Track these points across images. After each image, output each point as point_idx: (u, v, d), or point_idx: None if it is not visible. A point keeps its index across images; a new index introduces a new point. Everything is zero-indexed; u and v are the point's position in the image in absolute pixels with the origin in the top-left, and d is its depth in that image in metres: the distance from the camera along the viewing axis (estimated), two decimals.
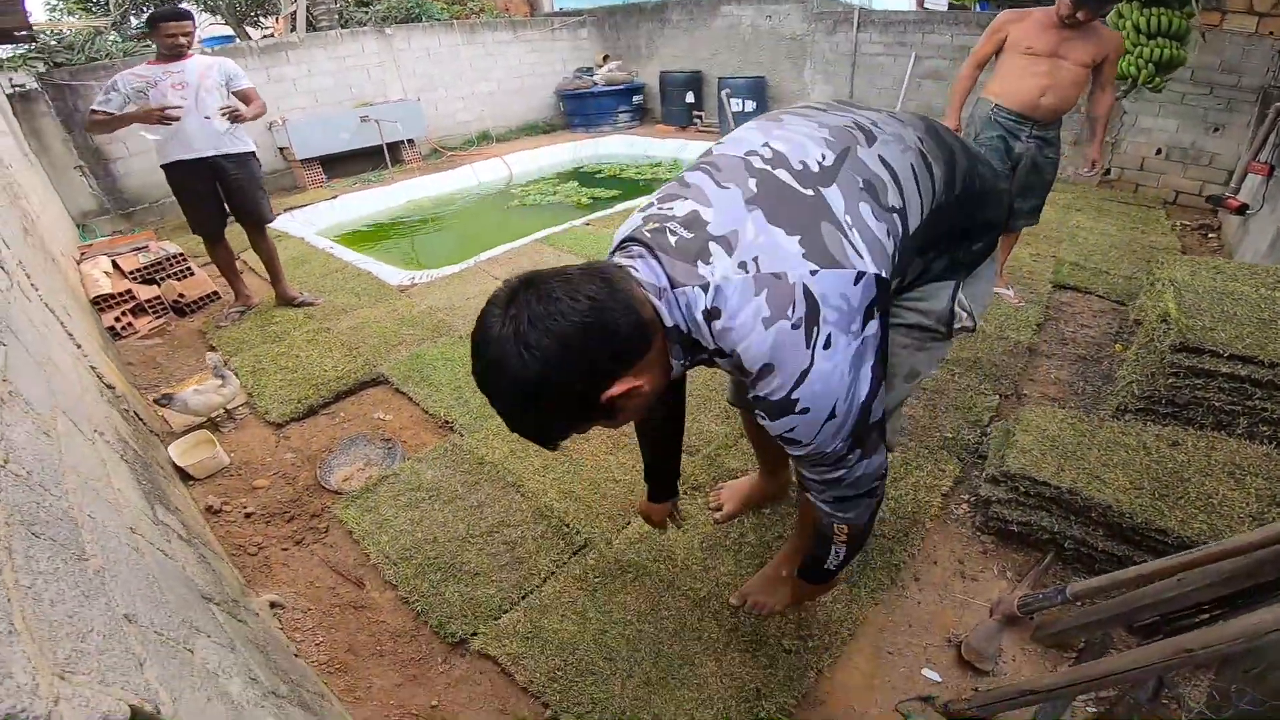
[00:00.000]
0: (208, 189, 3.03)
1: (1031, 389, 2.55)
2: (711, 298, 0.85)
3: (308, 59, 6.24)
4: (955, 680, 1.51)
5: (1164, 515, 1.59)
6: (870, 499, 1.04)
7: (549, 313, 0.78)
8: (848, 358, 0.85)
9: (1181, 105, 5.00)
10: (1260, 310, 2.11)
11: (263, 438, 2.44)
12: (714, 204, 0.89)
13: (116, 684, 0.65)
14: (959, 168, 1.04)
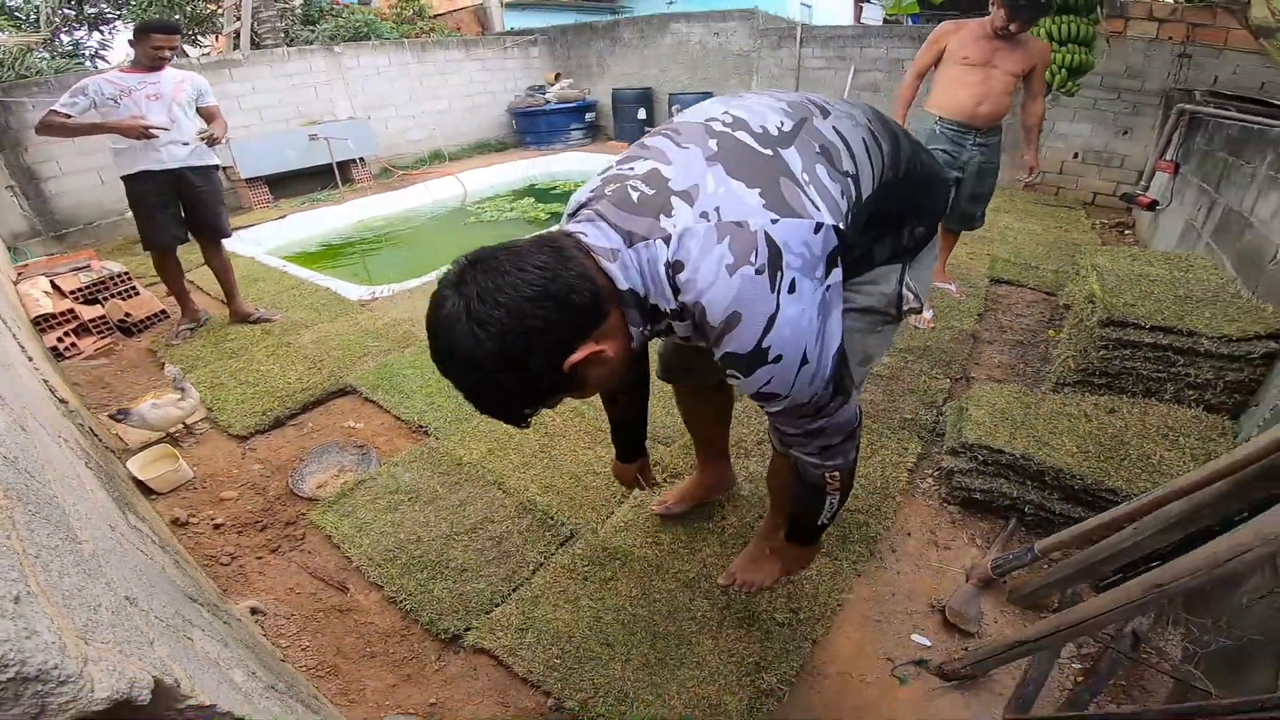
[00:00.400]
0: (170, 201, 2.97)
1: (978, 371, 2.74)
2: (674, 250, 0.84)
3: (252, 76, 6.12)
4: (943, 643, 1.59)
5: (1110, 475, 1.73)
6: (853, 440, 1.05)
7: (498, 286, 0.77)
8: (814, 303, 0.86)
9: (1094, 110, 5.38)
10: (1174, 289, 2.32)
11: (227, 451, 2.38)
12: (674, 162, 0.90)
13: (134, 656, 0.66)
14: (903, 151, 1.09)
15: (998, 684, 1.48)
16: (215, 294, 3.62)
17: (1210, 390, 2.06)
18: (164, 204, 2.95)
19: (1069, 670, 1.52)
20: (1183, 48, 4.86)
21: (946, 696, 1.46)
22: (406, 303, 3.58)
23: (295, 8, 8.64)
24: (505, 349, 0.77)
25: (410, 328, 3.22)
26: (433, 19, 9.78)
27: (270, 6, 7.29)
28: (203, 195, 3.03)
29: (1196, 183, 3.55)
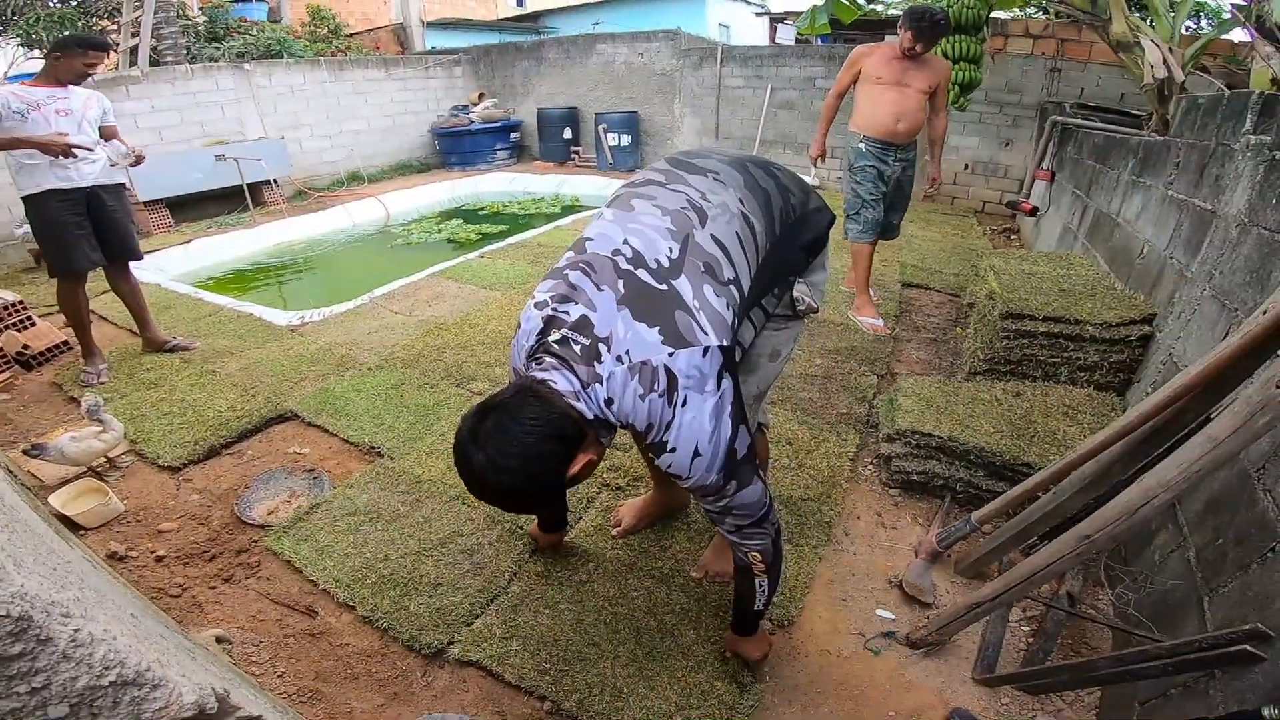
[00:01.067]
0: (79, 221, 2.76)
1: (900, 367, 3.00)
2: (606, 389, 1.08)
3: (151, 94, 5.78)
4: (906, 615, 1.73)
5: (1025, 451, 1.94)
6: (765, 525, 1.25)
7: (510, 439, 1.03)
8: (705, 410, 1.07)
9: (980, 124, 5.86)
10: (1059, 284, 2.61)
11: (159, 483, 2.24)
12: (598, 308, 1.11)
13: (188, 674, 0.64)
14: (775, 209, 1.30)
15: (961, 649, 1.62)
16: (123, 323, 3.38)
17: (1098, 371, 2.33)
18: (78, 225, 2.75)
19: (1020, 633, 1.68)
20: (1054, 62, 5.38)
21: (919, 664, 1.59)
22: (341, 326, 3.46)
23: (199, 24, 8.21)
24: (527, 482, 1.05)
25: (348, 351, 3.14)
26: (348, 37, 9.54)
27: (172, 23, 6.89)
28: (116, 215, 2.87)
29: (1070, 189, 3.91)
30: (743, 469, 1.14)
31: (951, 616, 1.55)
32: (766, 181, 1.33)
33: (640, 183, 1.32)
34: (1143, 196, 2.60)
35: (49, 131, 2.58)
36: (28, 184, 2.67)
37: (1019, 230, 5.35)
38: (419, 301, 3.75)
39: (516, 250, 4.77)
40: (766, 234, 1.26)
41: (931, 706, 1.49)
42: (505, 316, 3.45)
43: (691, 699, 1.47)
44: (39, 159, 2.59)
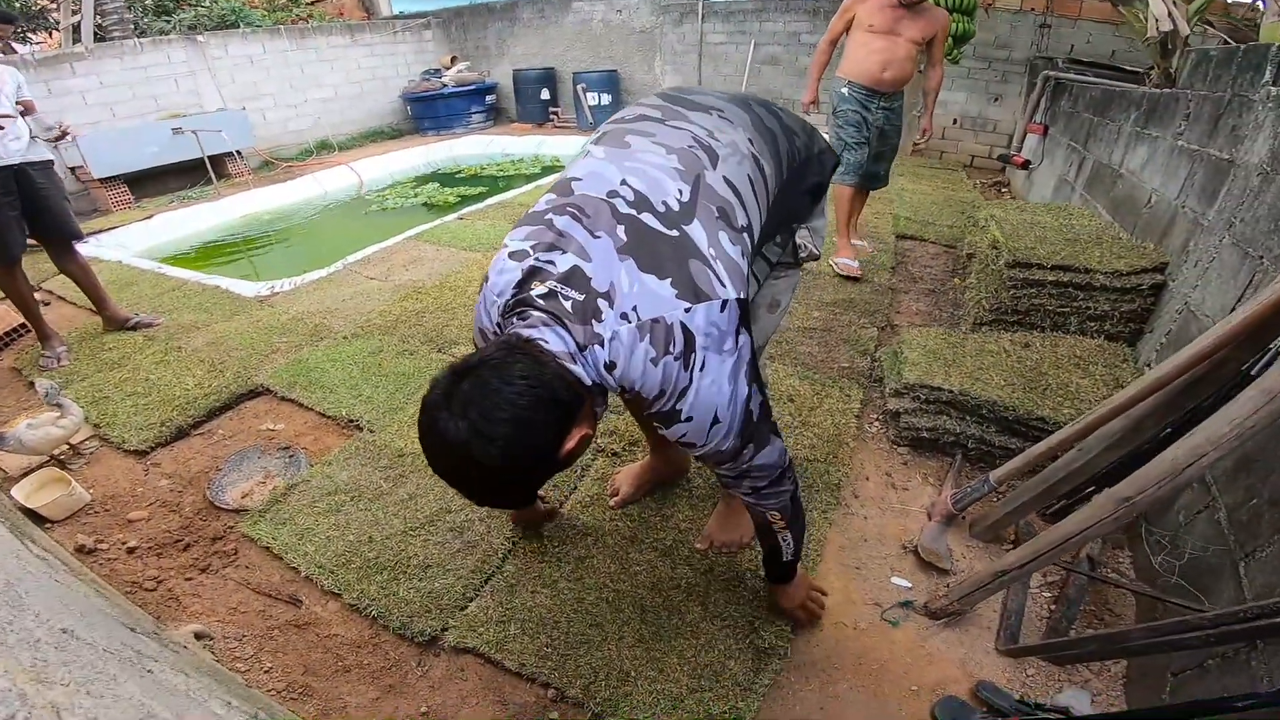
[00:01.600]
0: (8, 202, 2.56)
1: (900, 319, 2.90)
2: (608, 352, 0.93)
3: (97, 70, 5.50)
4: (922, 583, 1.64)
5: (1038, 405, 1.86)
6: (782, 485, 1.16)
7: (497, 403, 0.83)
8: (724, 372, 0.95)
9: (969, 79, 5.81)
10: (1063, 234, 2.53)
11: (126, 468, 2.09)
12: (593, 258, 0.95)
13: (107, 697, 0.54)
14: (783, 152, 1.18)
15: (982, 618, 1.55)
16: (83, 303, 3.19)
17: (1109, 320, 2.26)
18: (8, 205, 2.55)
19: (1041, 600, 1.60)
20: (1043, 18, 5.30)
21: (940, 635, 1.51)
22: (314, 295, 3.30)
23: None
24: (517, 458, 0.85)
25: (322, 320, 2.98)
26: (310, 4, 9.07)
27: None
28: (46, 193, 2.67)
29: (1065, 142, 3.88)
30: (760, 429, 1.04)
31: (974, 585, 1.47)
32: (771, 121, 1.20)
33: (632, 118, 1.15)
34: (1148, 148, 2.56)
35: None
36: None
37: (1009, 184, 5.34)
38: (395, 266, 3.59)
39: (497, 210, 4.59)
40: (775, 177, 1.15)
41: (955, 680, 1.41)
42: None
43: (703, 680, 1.39)
44: None
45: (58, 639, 0.62)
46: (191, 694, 0.83)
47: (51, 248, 2.81)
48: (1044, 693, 1.37)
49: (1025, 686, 1.39)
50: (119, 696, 0.54)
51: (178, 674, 0.91)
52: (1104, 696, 1.36)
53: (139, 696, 0.59)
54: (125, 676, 0.65)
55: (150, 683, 0.71)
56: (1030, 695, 1.35)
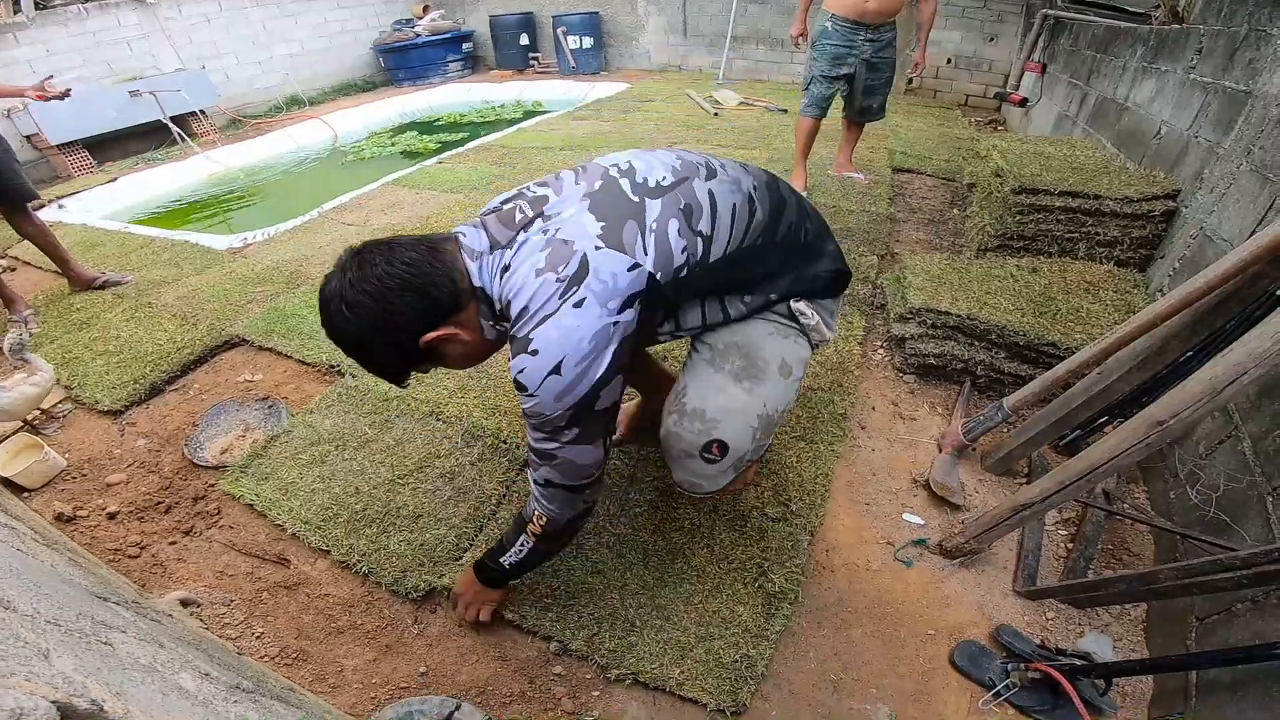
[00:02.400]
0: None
1: (900, 247, 2.83)
2: (512, 254, 0.99)
3: (43, 38, 5.23)
4: (934, 519, 1.58)
5: (1049, 330, 1.80)
6: (575, 496, 1.09)
7: (365, 277, 0.94)
8: (593, 327, 0.92)
9: (963, 19, 5.70)
10: (1068, 163, 2.45)
11: (101, 430, 1.99)
12: (563, 195, 1.04)
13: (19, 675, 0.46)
14: (785, 219, 1.15)
15: (999, 557, 1.49)
16: (48, 267, 3.04)
17: (1119, 246, 2.19)
18: None
19: (1057, 538, 1.54)
20: None
21: (956, 575, 1.45)
22: (289, 243, 3.16)
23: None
24: (370, 327, 0.95)
25: (298, 267, 2.86)
26: None
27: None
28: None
29: (1065, 79, 3.89)
30: (592, 421, 1.00)
31: (993, 521, 1.39)
32: (791, 197, 1.21)
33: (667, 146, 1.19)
34: (1157, 82, 2.56)
35: None
36: None
37: (1004, 122, 5.30)
38: (373, 211, 3.45)
39: (478, 153, 4.42)
40: (765, 229, 1.12)
41: (974, 623, 1.36)
42: (470, 218, 3.16)
43: (712, 628, 1.33)
44: None
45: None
46: (159, 666, 0.76)
47: (6, 213, 2.67)
48: (1064, 636, 1.32)
49: (1045, 630, 1.34)
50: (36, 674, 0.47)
51: (149, 645, 0.83)
52: (1124, 641, 1.31)
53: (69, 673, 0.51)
54: (62, 651, 0.57)
55: (98, 657, 0.63)
56: (1050, 639, 1.31)
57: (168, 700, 0.62)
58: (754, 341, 1.16)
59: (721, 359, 1.15)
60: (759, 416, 1.13)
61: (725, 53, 6.58)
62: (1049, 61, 4.38)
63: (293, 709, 0.97)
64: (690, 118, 5.08)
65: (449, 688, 1.28)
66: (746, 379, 1.13)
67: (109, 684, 0.54)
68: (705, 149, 4.15)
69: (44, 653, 0.53)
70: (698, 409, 1.12)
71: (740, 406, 1.13)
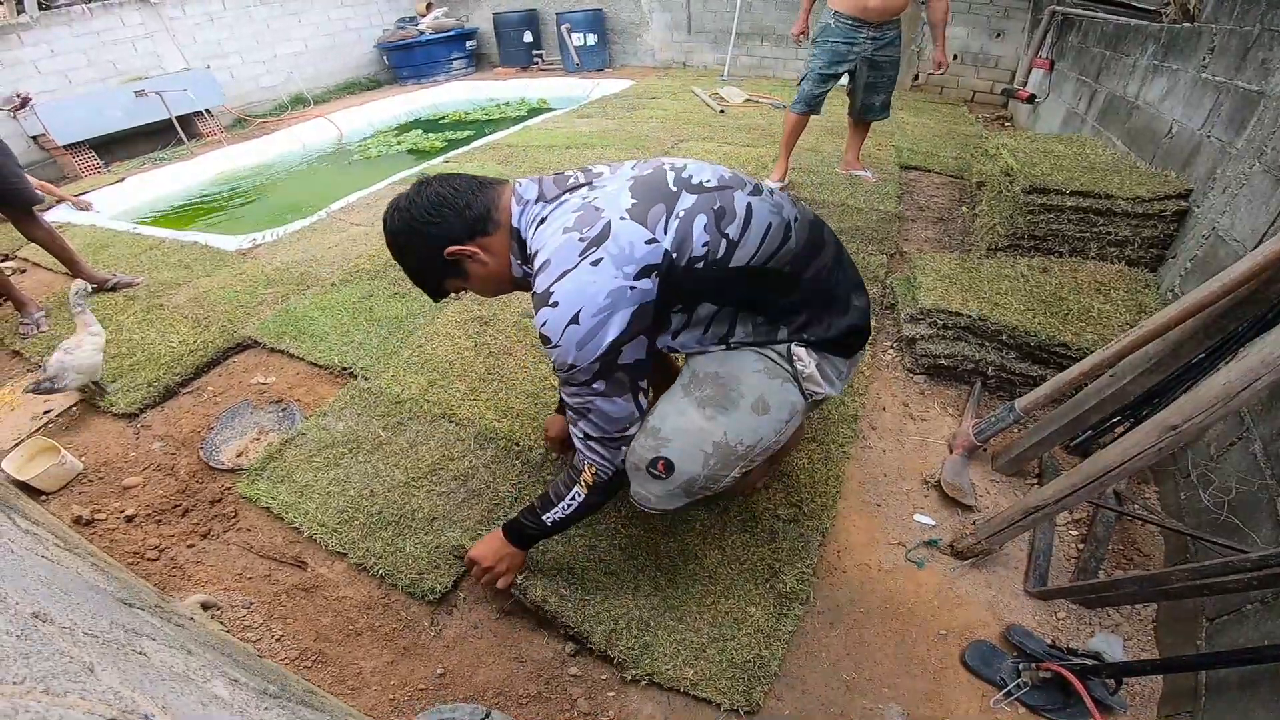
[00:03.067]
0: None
1: (909, 246, 2.82)
2: (550, 208, 1.10)
3: (47, 39, 5.23)
4: (946, 520, 1.59)
5: (1060, 330, 1.80)
6: (614, 447, 1.14)
7: (419, 192, 1.14)
8: (608, 284, 0.99)
9: (969, 14, 5.66)
10: (1079, 161, 2.45)
11: (116, 433, 2.01)
12: (615, 174, 1.15)
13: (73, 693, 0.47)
14: (818, 261, 1.18)
15: (1010, 557, 1.50)
16: (59, 269, 3.06)
17: (1130, 246, 2.19)
18: None
19: (1067, 538, 1.55)
20: None
21: (967, 575, 1.46)
22: (297, 244, 3.17)
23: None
24: (407, 229, 1.14)
25: (308, 268, 2.87)
26: None
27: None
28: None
29: (1074, 76, 3.87)
30: (617, 376, 1.06)
31: (1005, 522, 1.40)
32: (832, 243, 1.24)
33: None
34: (1167, 80, 2.56)
35: None
36: None
37: (1012, 118, 5.28)
38: (380, 211, 3.40)
39: (484, 152, 4.42)
40: (794, 260, 1.14)
41: (984, 623, 1.37)
42: None
43: (724, 628, 1.34)
44: None
45: (23, 626, 0.54)
46: (192, 674, 0.76)
47: (12, 216, 2.67)
48: (1074, 636, 1.33)
49: (1055, 630, 1.35)
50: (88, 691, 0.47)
51: (178, 652, 0.84)
52: (1134, 641, 1.32)
53: (117, 687, 0.52)
54: (105, 664, 0.57)
55: (137, 668, 0.64)
56: (1061, 639, 1.32)
57: (208, 711, 0.63)
58: (734, 374, 1.17)
59: (696, 385, 1.18)
60: (715, 444, 1.12)
61: (730, 49, 6.56)
62: (1057, 58, 4.36)
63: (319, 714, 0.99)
64: (696, 115, 5.07)
65: (466, 689, 1.30)
66: (711, 406, 1.14)
67: (154, 697, 0.54)
68: (711, 146, 4.17)
69: (89, 667, 0.53)
70: (654, 426, 1.15)
71: (695, 429, 1.13)
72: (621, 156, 4.01)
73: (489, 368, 2.11)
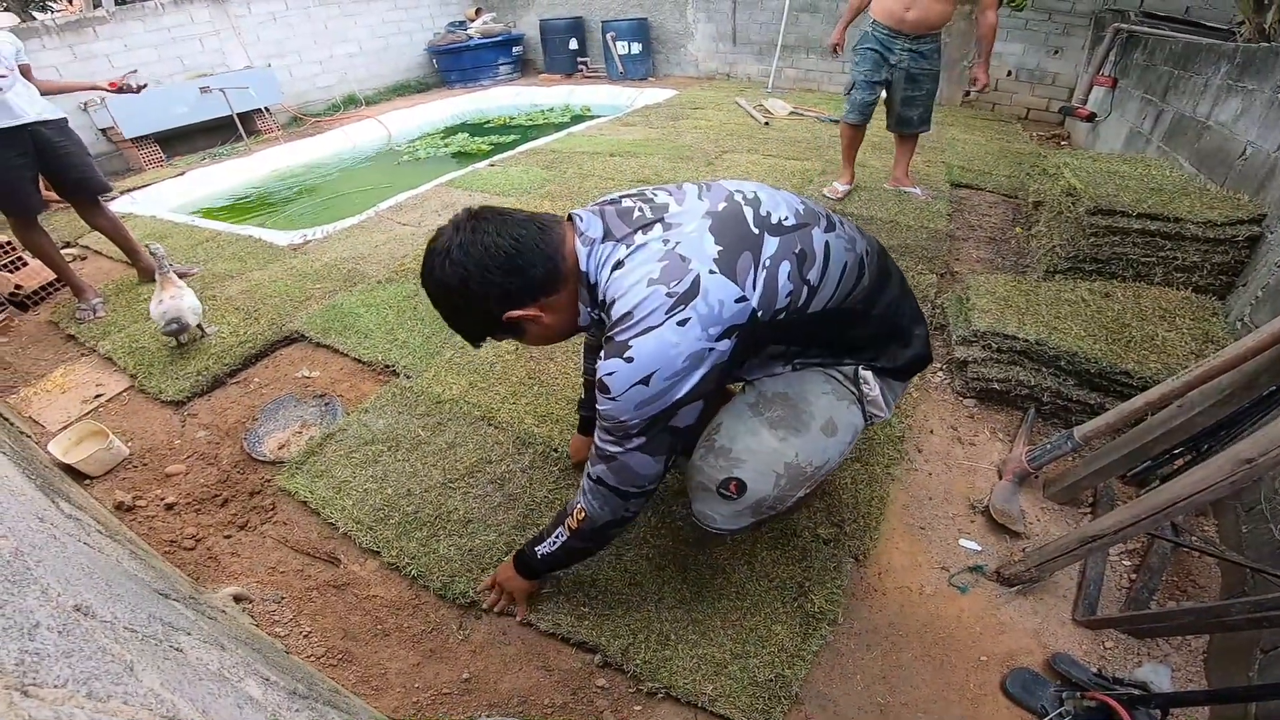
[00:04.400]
0: (25, 161, 2.52)
1: (960, 266, 2.74)
2: (626, 251, 0.99)
3: (121, 33, 5.47)
4: (993, 546, 1.53)
5: (1122, 357, 1.72)
6: (620, 501, 1.09)
7: (474, 241, 0.97)
8: (690, 347, 0.93)
9: (1026, 31, 5.54)
10: (1145, 183, 2.35)
11: (162, 420, 2.06)
12: (684, 206, 1.04)
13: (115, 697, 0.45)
14: (887, 293, 1.16)
15: (1059, 586, 1.44)
16: (118, 257, 3.18)
17: (1198, 272, 2.09)
18: (19, 164, 2.50)
19: (1120, 568, 1.48)
20: None
21: (1012, 602, 1.41)
22: (346, 241, 3.24)
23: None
24: (463, 288, 0.99)
25: (355, 266, 2.92)
26: None
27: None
28: (64, 150, 2.61)
29: (1139, 95, 3.76)
30: (661, 434, 1.01)
31: (1059, 551, 1.35)
32: (896, 273, 1.22)
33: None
34: (1242, 100, 2.46)
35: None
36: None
37: (1068, 136, 5.13)
38: (428, 212, 3.52)
39: (529, 157, 4.47)
40: (865, 297, 1.12)
41: (1028, 650, 1.32)
42: None
43: (748, 645, 1.31)
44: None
45: (64, 621, 0.53)
46: (226, 673, 0.76)
47: (78, 205, 2.79)
48: (1121, 665, 1.28)
49: (1102, 659, 1.30)
50: (130, 694, 0.46)
51: (212, 648, 0.84)
52: (1182, 672, 1.27)
53: (157, 689, 0.51)
54: (145, 663, 0.56)
55: (175, 666, 0.63)
56: (1107, 668, 1.27)
57: (244, 713, 0.62)
58: (804, 395, 1.17)
59: (765, 405, 1.17)
60: (786, 464, 1.13)
61: (775, 61, 6.51)
62: (1120, 76, 4.24)
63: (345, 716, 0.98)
64: (740, 126, 5.03)
65: (491, 695, 1.28)
66: (783, 427, 1.14)
67: (193, 700, 0.53)
68: (755, 158, 4.13)
69: (129, 666, 0.53)
70: (725, 446, 1.14)
71: (768, 450, 1.13)
72: (664, 165, 4.00)
73: (530, 371, 2.10)
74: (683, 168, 3.95)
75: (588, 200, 3.42)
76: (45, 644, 0.45)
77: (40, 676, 0.40)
